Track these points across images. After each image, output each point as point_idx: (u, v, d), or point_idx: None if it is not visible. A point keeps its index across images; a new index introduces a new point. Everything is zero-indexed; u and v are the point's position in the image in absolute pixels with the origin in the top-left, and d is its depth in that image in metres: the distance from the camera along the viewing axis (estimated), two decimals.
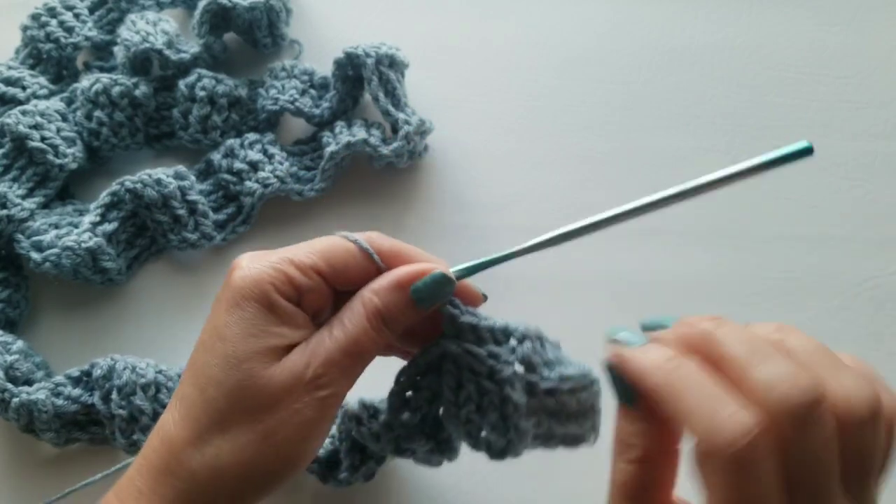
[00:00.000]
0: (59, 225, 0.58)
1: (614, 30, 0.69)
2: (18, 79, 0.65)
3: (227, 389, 0.37)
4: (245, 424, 0.37)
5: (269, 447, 0.37)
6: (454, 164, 0.64)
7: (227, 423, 0.37)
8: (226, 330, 0.38)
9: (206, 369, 0.38)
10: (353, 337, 0.38)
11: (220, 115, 0.63)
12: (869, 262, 0.60)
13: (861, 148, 0.64)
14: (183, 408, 0.38)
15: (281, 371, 0.37)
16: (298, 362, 0.38)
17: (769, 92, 0.66)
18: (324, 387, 0.38)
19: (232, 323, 0.38)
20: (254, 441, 0.37)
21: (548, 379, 0.39)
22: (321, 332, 0.39)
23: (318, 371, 0.37)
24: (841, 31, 0.69)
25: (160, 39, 0.63)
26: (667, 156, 0.64)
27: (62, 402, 0.52)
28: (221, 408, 0.37)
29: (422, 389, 0.41)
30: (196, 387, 0.38)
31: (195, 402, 0.37)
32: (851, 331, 0.58)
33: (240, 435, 0.37)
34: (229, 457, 0.37)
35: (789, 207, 0.62)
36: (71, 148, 0.61)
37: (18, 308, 0.58)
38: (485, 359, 0.38)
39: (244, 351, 0.37)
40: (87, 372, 0.54)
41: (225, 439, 0.37)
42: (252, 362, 0.37)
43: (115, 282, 0.60)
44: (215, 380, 0.37)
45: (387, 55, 0.60)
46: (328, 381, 0.38)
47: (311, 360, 0.38)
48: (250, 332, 0.37)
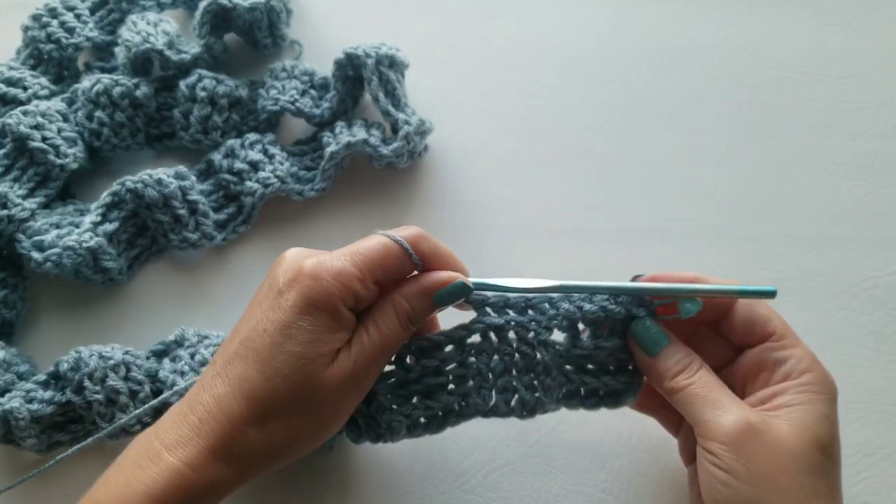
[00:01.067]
0: (60, 225, 0.58)
1: (614, 30, 0.69)
2: (20, 79, 0.65)
3: (292, 383, 0.42)
4: (301, 414, 0.43)
5: (316, 430, 0.44)
6: (454, 164, 0.64)
7: (287, 410, 0.42)
8: (296, 332, 0.42)
9: (274, 361, 0.42)
10: (388, 337, 0.45)
11: (221, 116, 0.63)
12: (869, 262, 0.60)
13: (861, 148, 0.64)
14: (246, 389, 0.42)
15: (334, 372, 0.43)
16: (347, 364, 0.43)
17: (769, 92, 0.66)
18: (364, 379, 0.44)
19: (303, 327, 0.43)
20: (306, 426, 0.43)
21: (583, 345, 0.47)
22: (360, 333, 0.45)
23: (362, 370, 0.44)
24: (841, 31, 0.69)
25: (161, 40, 0.63)
26: (667, 156, 0.64)
27: (37, 406, 0.51)
28: (284, 397, 0.42)
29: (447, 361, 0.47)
30: (262, 374, 0.42)
31: (260, 387, 0.42)
32: (851, 330, 0.58)
33: (295, 421, 0.43)
34: (285, 435, 0.43)
35: (789, 207, 0.62)
36: (72, 148, 0.61)
37: (15, 309, 0.58)
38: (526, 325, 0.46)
39: (311, 353, 0.42)
40: (54, 373, 0.53)
41: (282, 423, 0.42)
42: (315, 364, 0.43)
43: (116, 281, 0.60)
44: (282, 373, 0.42)
45: (387, 55, 0.61)
46: (368, 375, 0.44)
47: (357, 360, 0.44)
48: (317, 338, 0.43)
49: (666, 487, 0.53)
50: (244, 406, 0.42)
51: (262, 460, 0.43)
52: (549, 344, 0.46)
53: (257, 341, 0.43)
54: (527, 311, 0.47)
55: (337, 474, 0.54)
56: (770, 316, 0.46)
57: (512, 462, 0.54)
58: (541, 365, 0.46)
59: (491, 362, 0.46)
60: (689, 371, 0.45)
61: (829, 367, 0.55)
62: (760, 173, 0.63)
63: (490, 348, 0.46)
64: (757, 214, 0.62)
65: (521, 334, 0.46)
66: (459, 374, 0.47)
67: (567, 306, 0.46)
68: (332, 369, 0.43)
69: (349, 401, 0.44)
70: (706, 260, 0.60)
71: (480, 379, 0.46)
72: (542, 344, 0.46)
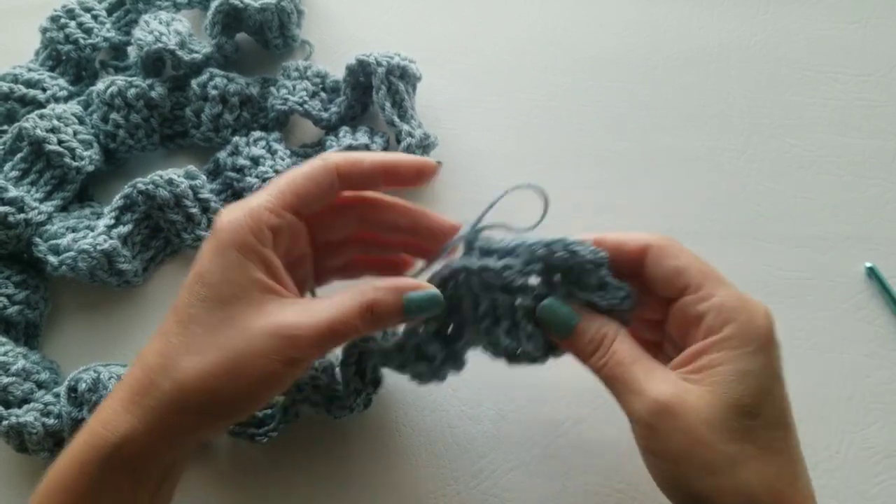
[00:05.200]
0: (76, 228, 0.59)
1: (628, 30, 0.69)
2: (38, 80, 0.66)
3: (209, 326, 0.40)
4: (214, 357, 0.40)
5: (231, 380, 0.40)
6: (466, 164, 0.64)
7: (200, 353, 0.40)
8: (208, 276, 0.41)
9: (188, 308, 0.41)
10: (342, 317, 0.41)
11: (232, 114, 0.64)
12: (888, 261, 0.59)
13: (879, 146, 0.63)
14: (163, 340, 0.41)
15: (263, 319, 0.40)
16: (283, 317, 0.40)
17: (786, 91, 0.66)
18: (296, 348, 0.40)
19: (214, 269, 0.41)
20: (219, 373, 0.39)
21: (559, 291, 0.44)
22: (315, 301, 0.42)
23: (297, 333, 0.40)
24: (859, 28, 0.68)
25: (173, 40, 0.64)
26: (682, 156, 0.64)
27: (52, 421, 0.52)
28: (200, 341, 0.40)
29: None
30: (179, 324, 0.41)
31: (175, 335, 0.41)
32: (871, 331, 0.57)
33: (208, 365, 0.39)
34: (195, 381, 0.39)
35: (807, 207, 0.61)
36: (88, 150, 0.62)
37: (38, 309, 0.59)
38: (499, 272, 0.43)
39: (226, 294, 0.41)
40: (72, 388, 0.53)
41: (193, 365, 0.39)
42: (233, 306, 0.40)
43: (132, 283, 0.60)
44: (198, 318, 0.40)
45: (398, 66, 0.61)
46: (302, 345, 0.40)
47: (297, 322, 0.40)
48: (230, 278, 0.41)
49: None
50: (157, 355, 0.40)
51: (172, 408, 0.40)
52: (526, 289, 0.44)
53: (178, 298, 0.42)
54: (507, 255, 0.45)
55: (349, 474, 0.54)
56: (681, 267, 0.42)
57: (528, 463, 0.54)
58: (520, 311, 0.44)
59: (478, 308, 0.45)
60: (602, 349, 0.42)
61: (848, 369, 0.55)
62: (778, 173, 0.63)
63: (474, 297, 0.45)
64: (775, 214, 0.61)
65: (496, 281, 0.44)
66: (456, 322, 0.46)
67: (541, 251, 0.44)
68: (259, 313, 0.40)
69: (276, 359, 0.40)
70: (723, 260, 0.58)
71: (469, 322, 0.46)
72: (520, 290, 0.44)
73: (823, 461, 0.53)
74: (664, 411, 0.39)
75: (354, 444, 0.54)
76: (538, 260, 0.44)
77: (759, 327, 0.40)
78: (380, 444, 0.54)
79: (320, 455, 0.54)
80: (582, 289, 0.44)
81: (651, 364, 0.42)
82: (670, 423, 0.39)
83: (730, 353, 0.40)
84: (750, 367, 0.39)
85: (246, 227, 0.41)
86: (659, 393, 0.40)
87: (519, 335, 0.45)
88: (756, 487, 0.38)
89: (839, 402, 0.54)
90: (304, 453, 0.54)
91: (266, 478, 0.54)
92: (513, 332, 0.45)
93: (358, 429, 0.55)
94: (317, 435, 0.55)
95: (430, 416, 0.55)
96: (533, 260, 0.44)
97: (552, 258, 0.43)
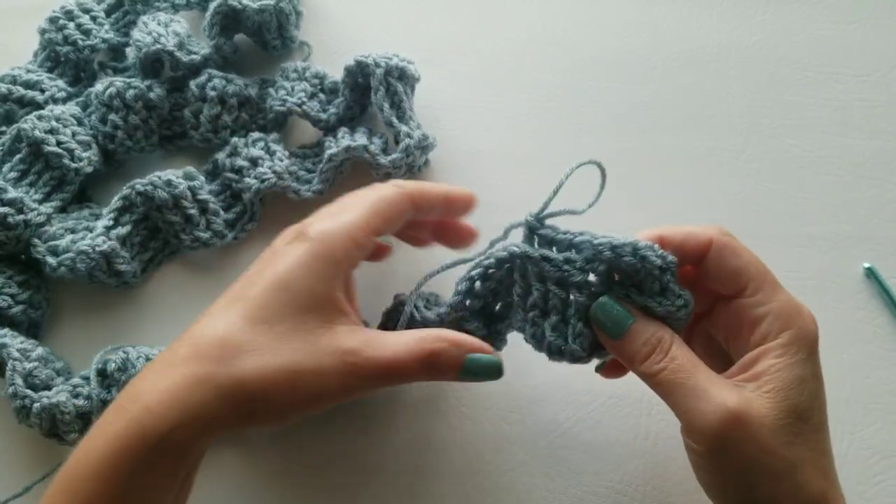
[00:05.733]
0: (74, 229, 0.59)
1: (628, 30, 0.69)
2: (37, 81, 0.65)
3: (279, 331, 0.41)
4: (278, 363, 0.40)
5: (289, 391, 0.40)
6: (466, 165, 0.64)
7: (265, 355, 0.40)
8: (294, 281, 0.41)
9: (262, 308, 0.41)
10: (402, 358, 0.42)
11: (231, 115, 0.63)
12: (887, 262, 0.59)
13: (879, 147, 0.63)
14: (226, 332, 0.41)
15: (332, 338, 0.41)
16: (349, 341, 0.41)
17: (785, 91, 0.66)
18: (355, 376, 0.41)
19: (302, 276, 0.42)
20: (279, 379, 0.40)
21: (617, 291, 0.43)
22: (382, 335, 0.43)
23: (359, 361, 0.41)
24: (858, 28, 0.68)
25: (171, 41, 0.64)
26: (681, 156, 0.64)
27: (83, 402, 0.53)
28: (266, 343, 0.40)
29: (490, 280, 0.46)
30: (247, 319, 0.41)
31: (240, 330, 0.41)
32: (869, 331, 0.57)
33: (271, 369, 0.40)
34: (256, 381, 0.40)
35: (807, 207, 0.61)
36: (86, 152, 0.61)
37: (40, 309, 0.59)
38: (559, 264, 0.43)
39: (306, 304, 0.41)
40: (101, 370, 0.54)
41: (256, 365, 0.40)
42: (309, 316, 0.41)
43: (131, 284, 0.60)
44: (269, 320, 0.41)
45: (397, 67, 0.60)
46: (361, 375, 0.41)
47: (361, 350, 0.41)
48: (316, 289, 0.42)
49: (682, 489, 0.52)
50: (219, 347, 0.40)
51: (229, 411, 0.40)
52: (583, 286, 0.43)
53: (249, 292, 0.42)
54: (569, 248, 0.44)
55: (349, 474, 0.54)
56: (742, 267, 0.43)
57: (526, 462, 0.54)
58: (572, 307, 0.43)
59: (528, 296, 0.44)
60: (660, 352, 0.41)
61: (847, 369, 0.55)
62: (777, 173, 0.63)
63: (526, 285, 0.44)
64: (774, 214, 0.61)
65: (552, 273, 0.43)
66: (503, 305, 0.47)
67: (608, 253, 0.42)
68: (329, 331, 0.41)
69: (334, 381, 0.41)
70: None
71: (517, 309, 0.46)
72: (577, 286, 0.43)
73: None
74: (735, 420, 0.39)
75: (354, 443, 0.54)
76: (603, 262, 0.42)
77: (811, 333, 0.42)
78: (379, 445, 0.54)
79: (320, 455, 0.54)
80: (642, 292, 0.43)
81: (712, 373, 0.41)
82: (741, 432, 0.39)
83: (788, 360, 0.41)
84: (806, 373, 0.41)
85: (343, 244, 0.42)
86: (727, 400, 0.39)
87: (566, 332, 0.44)
88: (811, 489, 0.39)
89: (838, 402, 0.54)
90: (303, 453, 0.54)
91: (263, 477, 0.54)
92: (559, 327, 0.44)
93: (358, 429, 0.55)
94: (316, 434, 0.55)
95: (430, 416, 0.55)
96: (596, 259, 0.43)
97: (619, 262, 0.42)
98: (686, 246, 0.44)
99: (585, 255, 0.43)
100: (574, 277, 0.43)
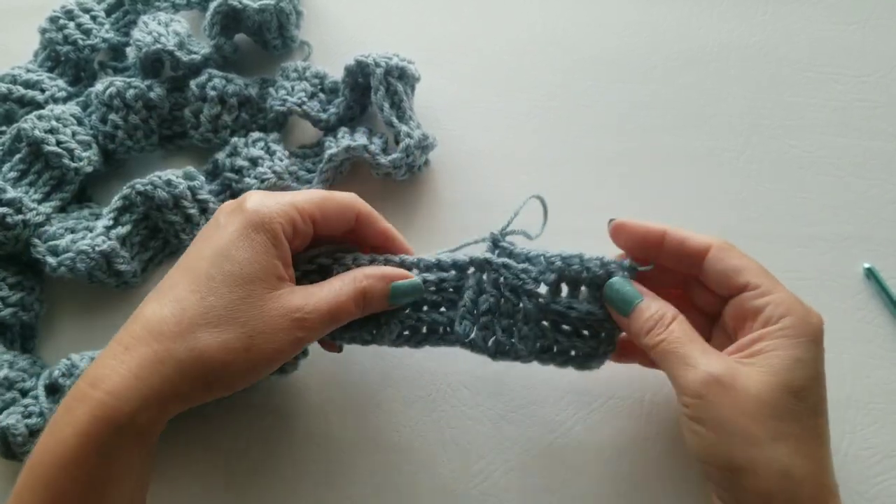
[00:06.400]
0: (74, 229, 0.59)
1: (628, 30, 0.69)
2: (37, 81, 0.66)
3: (228, 301, 0.43)
4: (234, 332, 0.43)
5: (246, 354, 0.43)
6: (466, 164, 0.64)
7: (220, 326, 0.43)
8: (235, 252, 0.44)
9: (211, 282, 0.44)
10: (340, 302, 0.46)
11: (231, 115, 0.64)
12: (887, 262, 0.59)
13: (879, 147, 0.63)
14: (178, 308, 0.43)
15: (277, 301, 0.44)
16: (292, 301, 0.45)
17: (785, 91, 0.66)
18: (304, 329, 0.45)
19: (242, 247, 0.44)
20: (237, 347, 0.43)
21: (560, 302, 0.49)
22: (314, 286, 0.47)
23: (306, 316, 0.45)
24: (858, 29, 0.68)
25: (171, 41, 0.64)
26: (682, 156, 0.64)
27: (35, 420, 0.52)
28: (219, 314, 0.43)
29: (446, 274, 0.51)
30: (196, 293, 0.43)
31: (192, 305, 0.43)
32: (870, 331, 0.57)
33: (228, 338, 0.43)
34: (215, 353, 0.42)
35: (806, 207, 0.61)
36: (86, 151, 0.61)
37: (32, 311, 0.59)
38: (517, 272, 0.48)
39: (249, 273, 0.44)
40: (50, 385, 0.53)
41: (213, 337, 0.42)
42: (254, 286, 0.44)
43: (131, 284, 0.60)
44: (218, 292, 0.43)
45: (397, 67, 0.60)
46: (309, 326, 0.45)
47: (304, 305, 0.45)
48: (256, 259, 0.44)
49: (682, 490, 0.52)
50: (172, 323, 0.42)
51: (192, 382, 0.42)
52: (533, 294, 0.49)
53: (194, 266, 0.44)
54: (525, 261, 0.49)
55: (349, 474, 0.54)
56: (741, 266, 0.46)
57: (528, 463, 0.54)
58: (521, 312, 0.49)
59: (479, 299, 0.49)
60: (661, 326, 0.45)
61: (847, 369, 0.55)
62: (777, 173, 0.63)
63: (480, 286, 0.49)
64: (774, 214, 0.61)
65: (510, 281, 0.49)
66: (451, 299, 0.50)
67: (559, 263, 0.48)
68: (272, 296, 0.44)
69: (284, 334, 0.44)
70: None
71: (465, 310, 0.49)
72: (527, 293, 0.48)
73: None
74: (715, 382, 0.42)
75: (354, 443, 0.54)
76: (554, 270, 0.48)
77: (813, 323, 0.44)
78: (379, 444, 0.54)
79: (319, 455, 0.54)
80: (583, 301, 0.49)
81: (708, 347, 0.44)
82: (720, 394, 0.42)
83: (787, 341, 0.43)
84: (804, 355, 0.43)
85: (279, 219, 0.45)
86: (712, 367, 0.42)
87: (514, 333, 0.49)
88: (792, 463, 0.40)
89: (839, 402, 0.54)
90: (303, 452, 0.54)
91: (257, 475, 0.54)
92: (509, 329, 0.49)
93: (358, 428, 0.55)
94: (315, 433, 0.55)
95: (430, 416, 0.55)
96: (548, 270, 0.48)
97: (568, 270, 0.48)
98: (686, 245, 0.47)
99: (539, 268, 0.48)
100: (527, 285, 0.48)
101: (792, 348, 0.43)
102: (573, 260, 0.48)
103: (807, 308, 0.45)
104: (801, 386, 0.42)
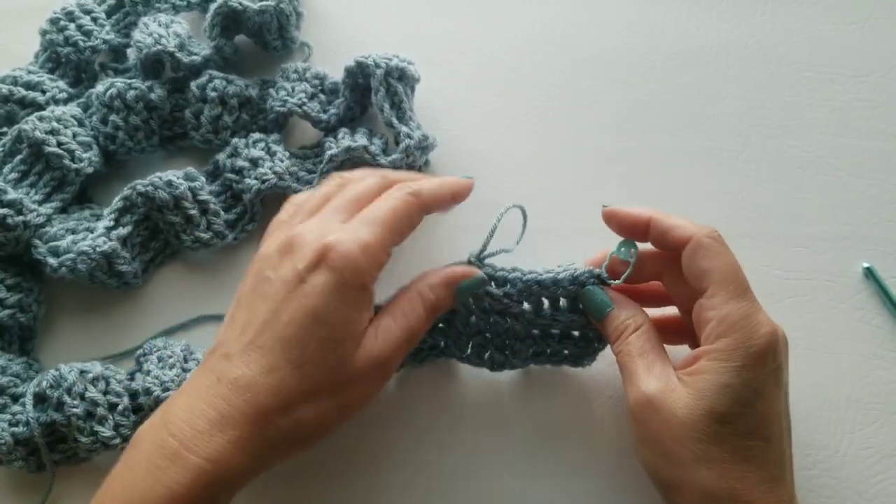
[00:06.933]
0: (75, 230, 0.59)
1: (627, 29, 0.69)
2: (38, 83, 0.66)
3: (325, 370, 0.43)
4: (330, 397, 0.43)
5: (342, 411, 0.45)
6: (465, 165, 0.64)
7: (316, 394, 0.43)
8: (327, 315, 0.43)
9: (305, 350, 0.42)
10: (413, 325, 0.47)
11: (231, 116, 0.64)
12: (885, 262, 0.59)
13: (878, 147, 0.63)
14: (275, 379, 0.42)
15: (363, 355, 0.44)
16: (374, 348, 0.45)
17: (784, 91, 0.66)
18: (389, 365, 0.46)
19: (334, 310, 0.43)
20: (334, 409, 0.44)
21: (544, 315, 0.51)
22: (385, 319, 0.46)
23: (388, 356, 0.45)
24: (857, 29, 0.68)
25: (172, 42, 0.64)
26: (680, 156, 0.64)
27: (21, 429, 0.51)
28: (314, 383, 0.43)
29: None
30: (291, 362, 0.42)
31: (290, 377, 0.42)
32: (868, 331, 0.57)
33: (324, 405, 0.43)
34: (313, 419, 0.43)
35: (805, 207, 0.61)
36: (87, 152, 0.62)
37: (30, 312, 0.59)
38: (500, 298, 0.50)
39: (342, 336, 0.43)
40: (38, 394, 0.52)
41: (311, 407, 0.43)
42: (346, 347, 0.43)
43: (131, 285, 0.60)
44: (314, 360, 0.42)
45: (397, 67, 0.60)
46: (393, 361, 0.46)
47: (384, 347, 0.45)
48: (349, 320, 0.44)
49: None
50: (273, 397, 0.42)
51: (287, 447, 0.44)
52: (518, 314, 0.51)
53: (282, 331, 0.42)
54: (505, 283, 0.50)
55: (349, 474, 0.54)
56: (707, 269, 0.45)
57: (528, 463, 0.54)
58: (511, 331, 0.51)
59: (470, 321, 0.52)
60: (623, 338, 0.47)
61: (846, 369, 0.55)
62: (776, 173, 0.63)
63: (469, 309, 0.51)
64: (773, 214, 0.61)
65: (494, 306, 0.51)
66: (447, 319, 0.52)
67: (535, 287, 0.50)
68: (361, 352, 0.44)
69: (374, 385, 0.46)
70: None
71: (459, 332, 0.52)
72: (513, 316, 0.51)
73: (822, 461, 0.53)
74: (647, 403, 0.43)
75: (354, 443, 0.54)
76: (533, 294, 0.50)
77: (752, 346, 0.43)
78: (380, 444, 0.54)
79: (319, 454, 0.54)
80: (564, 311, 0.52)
81: (655, 360, 0.45)
82: (651, 415, 0.43)
83: (717, 365, 0.43)
84: (730, 381, 0.42)
85: (367, 269, 0.44)
86: (647, 387, 0.44)
87: (506, 350, 0.52)
88: (713, 486, 0.41)
89: (838, 402, 0.54)
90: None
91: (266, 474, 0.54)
92: (502, 346, 0.52)
93: (357, 429, 0.55)
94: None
95: (429, 416, 0.55)
96: (526, 290, 0.50)
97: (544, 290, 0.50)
98: (669, 235, 0.47)
99: (518, 288, 0.50)
100: (512, 309, 0.51)
101: (720, 373, 0.42)
102: (546, 281, 0.50)
103: (753, 328, 0.43)
104: (724, 412, 0.42)
